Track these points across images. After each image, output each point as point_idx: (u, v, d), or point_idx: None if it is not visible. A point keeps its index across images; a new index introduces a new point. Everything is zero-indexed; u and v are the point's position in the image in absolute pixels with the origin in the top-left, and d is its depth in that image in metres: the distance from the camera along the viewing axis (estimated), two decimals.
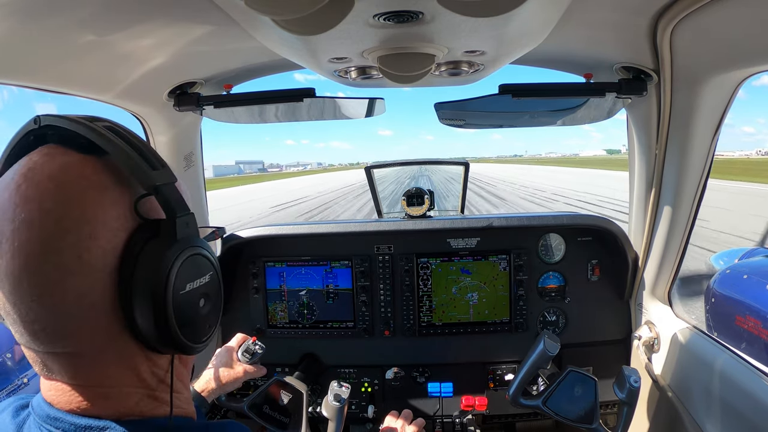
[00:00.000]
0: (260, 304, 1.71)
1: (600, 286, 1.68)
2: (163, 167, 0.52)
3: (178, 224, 0.51)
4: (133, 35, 0.95)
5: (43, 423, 0.50)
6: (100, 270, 0.47)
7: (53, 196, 0.46)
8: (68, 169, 0.48)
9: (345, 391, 1.29)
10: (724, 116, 1.15)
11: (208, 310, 0.55)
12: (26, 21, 0.77)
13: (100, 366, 0.50)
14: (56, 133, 0.50)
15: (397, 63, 0.98)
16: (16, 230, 0.45)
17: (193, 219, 0.54)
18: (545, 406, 1.26)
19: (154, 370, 0.54)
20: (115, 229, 0.48)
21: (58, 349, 0.49)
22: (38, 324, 0.47)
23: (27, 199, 0.46)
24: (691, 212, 1.30)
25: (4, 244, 0.45)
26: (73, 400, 0.50)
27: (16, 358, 2.62)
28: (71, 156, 0.49)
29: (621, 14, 1.00)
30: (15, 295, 0.46)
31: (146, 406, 0.53)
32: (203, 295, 0.54)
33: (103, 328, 0.49)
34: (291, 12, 0.61)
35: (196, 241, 0.54)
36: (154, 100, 1.33)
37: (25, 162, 0.49)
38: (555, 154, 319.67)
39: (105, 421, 0.49)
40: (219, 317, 0.59)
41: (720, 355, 1.17)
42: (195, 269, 0.53)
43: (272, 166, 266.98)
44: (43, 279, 0.45)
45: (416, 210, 1.73)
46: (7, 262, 0.45)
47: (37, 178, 0.47)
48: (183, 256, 0.51)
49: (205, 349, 0.58)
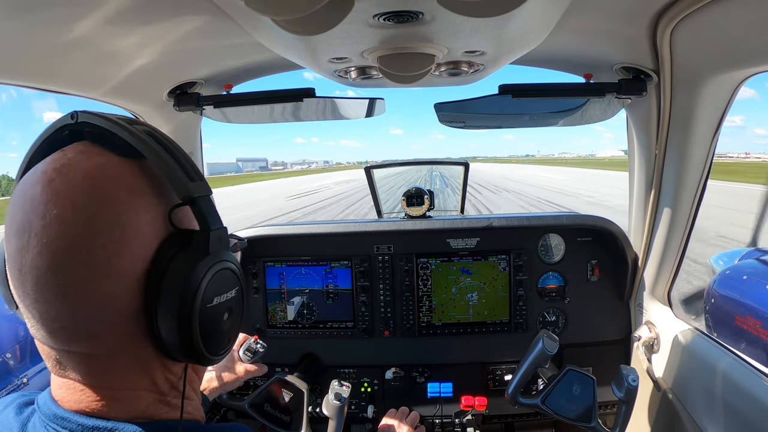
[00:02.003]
0: (260, 304, 1.71)
1: (600, 286, 1.68)
2: (200, 179, 0.52)
3: (211, 238, 0.51)
4: (132, 34, 0.95)
5: (49, 422, 0.49)
6: (129, 276, 0.47)
7: (87, 195, 0.45)
8: (105, 169, 0.48)
9: (346, 390, 1.29)
10: (724, 116, 1.15)
11: (230, 324, 0.55)
12: (21, 18, 0.77)
13: (115, 368, 0.50)
14: (93, 132, 0.50)
15: (397, 63, 0.98)
16: (47, 226, 0.44)
17: (226, 233, 0.54)
18: (544, 404, 1.26)
19: (167, 376, 0.54)
20: (147, 235, 0.48)
21: (75, 348, 0.48)
22: (58, 322, 0.46)
23: (60, 194, 0.45)
24: (691, 212, 1.30)
25: (32, 238, 0.44)
26: (84, 399, 0.50)
27: (16, 358, 2.62)
28: (108, 157, 0.49)
29: (621, 14, 1.00)
30: (38, 291, 0.45)
31: (156, 410, 0.53)
32: (228, 310, 0.54)
33: (124, 333, 0.48)
34: (291, 12, 0.61)
35: (227, 255, 0.53)
36: (153, 100, 1.33)
37: (59, 157, 0.47)
38: (569, 155, 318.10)
39: (113, 423, 0.49)
40: (239, 331, 0.59)
41: (720, 356, 1.17)
42: (223, 283, 0.53)
43: (276, 164, 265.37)
44: (68, 278, 0.44)
45: (416, 210, 1.73)
46: (34, 256, 0.44)
47: (71, 174, 0.46)
48: (214, 270, 0.51)
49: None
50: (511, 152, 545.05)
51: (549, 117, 1.50)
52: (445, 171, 32.52)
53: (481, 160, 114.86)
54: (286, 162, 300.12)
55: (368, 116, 1.50)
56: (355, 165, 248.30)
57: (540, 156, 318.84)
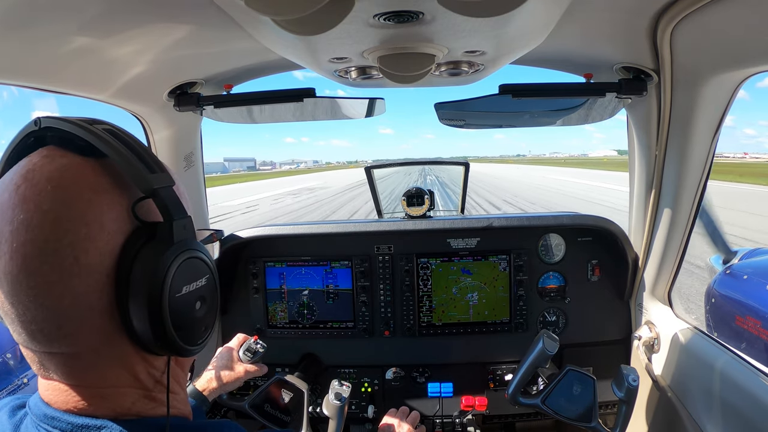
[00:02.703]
0: (260, 304, 1.71)
1: (600, 286, 1.68)
2: (161, 171, 0.52)
3: (175, 227, 0.51)
4: (132, 35, 0.95)
5: (40, 423, 0.50)
6: (98, 272, 0.47)
7: (51, 198, 0.46)
8: (66, 170, 0.48)
9: (346, 389, 1.29)
10: (724, 116, 1.15)
11: (204, 312, 0.55)
12: (24, 21, 0.77)
13: (97, 366, 0.51)
14: (56, 135, 0.51)
15: (397, 63, 0.98)
16: (15, 231, 0.45)
17: (191, 222, 0.55)
18: (544, 404, 1.26)
19: (150, 371, 0.55)
20: (112, 231, 0.49)
21: (54, 350, 0.49)
22: (35, 324, 0.47)
23: (25, 199, 0.46)
24: (691, 212, 1.30)
25: (3, 244, 0.45)
26: (70, 399, 0.51)
27: (16, 358, 2.62)
28: (70, 158, 0.49)
29: (621, 14, 1.00)
30: (13, 296, 0.46)
31: (143, 406, 0.53)
32: (199, 298, 0.54)
33: (100, 330, 0.49)
34: (291, 12, 0.61)
35: (193, 244, 0.54)
36: (154, 101, 1.33)
37: (25, 163, 0.49)
38: (560, 155, 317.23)
39: (102, 420, 0.50)
40: (215, 320, 0.59)
41: (720, 356, 1.17)
42: (191, 272, 0.53)
43: (265, 164, 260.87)
44: (40, 280, 0.45)
45: (416, 210, 1.73)
46: (6, 262, 0.45)
47: (35, 179, 0.47)
48: (179, 259, 0.51)
49: (205, 350, 0.58)
50: (502, 152, 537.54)
51: (549, 116, 1.49)
52: (443, 173, 31.60)
53: (473, 159, 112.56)
54: (275, 162, 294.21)
55: (368, 116, 1.50)
56: (344, 165, 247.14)
57: (531, 156, 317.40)
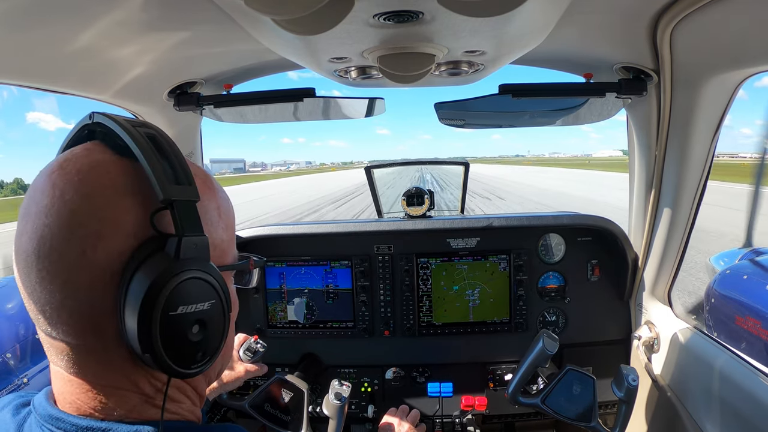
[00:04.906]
0: (260, 304, 1.71)
1: (600, 286, 1.68)
2: (188, 184, 0.51)
3: (183, 243, 0.49)
4: (132, 35, 0.95)
5: (44, 423, 0.50)
6: (102, 269, 0.47)
7: (75, 189, 0.48)
8: (97, 166, 0.50)
9: (346, 389, 1.29)
10: (724, 116, 1.15)
11: (202, 337, 0.52)
12: (25, 21, 0.77)
13: (97, 364, 0.50)
14: (102, 131, 0.53)
15: (397, 63, 0.98)
16: (38, 213, 0.47)
17: (204, 242, 0.52)
18: (544, 404, 1.26)
19: (151, 381, 0.53)
20: (127, 233, 0.48)
21: (55, 336, 0.49)
22: (39, 305, 0.48)
23: (54, 186, 0.48)
24: (691, 212, 1.30)
25: (28, 223, 0.48)
26: (74, 400, 0.51)
27: (16, 358, 2.62)
28: (107, 155, 0.51)
29: (621, 14, 1.00)
30: (25, 273, 0.48)
31: (146, 412, 0.53)
32: (198, 322, 0.51)
33: (100, 329, 0.49)
34: (291, 12, 0.61)
35: (201, 265, 0.51)
36: (155, 101, 1.33)
37: (68, 153, 0.51)
38: (561, 155, 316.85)
39: (106, 423, 0.50)
40: (219, 348, 0.55)
41: (720, 356, 1.17)
42: (192, 293, 0.50)
43: (255, 166, 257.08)
44: (48, 264, 0.47)
45: (416, 210, 1.73)
46: (26, 240, 0.48)
47: (68, 168, 0.49)
48: (180, 277, 0.49)
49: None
50: (500, 153, 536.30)
51: (549, 116, 1.50)
52: (441, 174, 30.92)
53: (471, 160, 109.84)
54: (265, 163, 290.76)
55: (368, 116, 1.50)
56: (339, 166, 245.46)
57: (531, 156, 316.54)
